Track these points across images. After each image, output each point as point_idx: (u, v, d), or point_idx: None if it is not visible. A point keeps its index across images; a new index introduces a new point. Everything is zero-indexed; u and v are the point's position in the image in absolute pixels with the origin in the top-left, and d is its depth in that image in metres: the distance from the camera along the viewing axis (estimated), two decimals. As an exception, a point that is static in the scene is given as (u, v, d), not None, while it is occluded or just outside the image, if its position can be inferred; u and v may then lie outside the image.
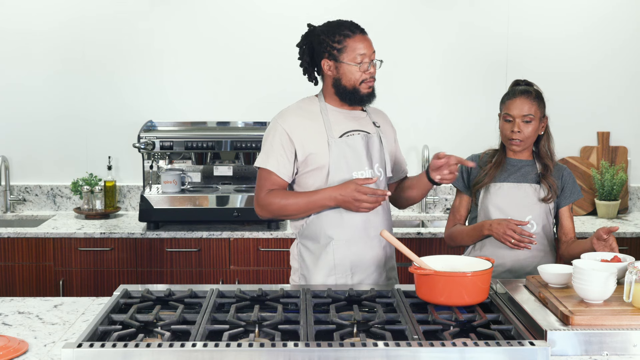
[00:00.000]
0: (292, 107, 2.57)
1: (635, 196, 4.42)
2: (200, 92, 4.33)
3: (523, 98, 2.62)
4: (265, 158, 2.51)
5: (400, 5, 4.30)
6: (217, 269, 3.81)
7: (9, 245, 3.78)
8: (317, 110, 2.52)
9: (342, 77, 2.46)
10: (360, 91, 2.47)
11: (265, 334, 1.98)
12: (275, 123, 2.53)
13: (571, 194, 2.69)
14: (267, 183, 2.50)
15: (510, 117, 2.63)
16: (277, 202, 2.46)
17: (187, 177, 4.12)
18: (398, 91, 4.30)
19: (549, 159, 2.68)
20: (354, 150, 2.49)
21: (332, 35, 2.45)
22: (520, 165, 2.69)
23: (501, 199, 2.64)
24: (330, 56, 2.45)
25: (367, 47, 2.45)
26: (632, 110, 4.41)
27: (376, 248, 2.54)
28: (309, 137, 2.47)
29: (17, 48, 4.26)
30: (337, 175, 2.46)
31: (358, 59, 2.43)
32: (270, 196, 2.47)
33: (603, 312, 1.98)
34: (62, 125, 4.32)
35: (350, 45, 2.43)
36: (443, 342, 1.82)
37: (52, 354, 1.93)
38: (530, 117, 2.61)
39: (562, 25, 4.33)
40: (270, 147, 2.51)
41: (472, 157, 2.80)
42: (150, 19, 4.27)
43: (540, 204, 2.63)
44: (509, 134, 2.65)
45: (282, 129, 2.49)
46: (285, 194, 2.48)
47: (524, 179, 2.66)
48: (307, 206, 2.44)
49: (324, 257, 2.50)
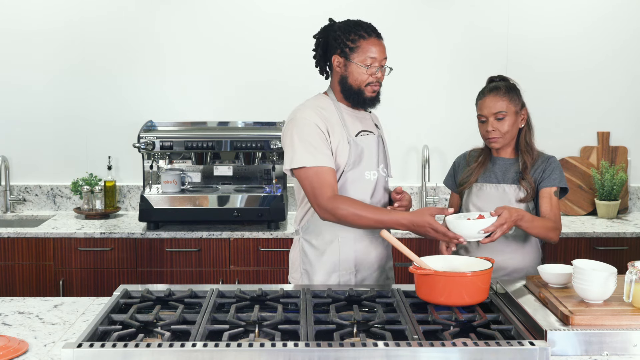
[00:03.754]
0: (308, 104, 2.51)
1: (635, 196, 4.42)
2: (200, 92, 4.33)
3: (492, 96, 2.62)
4: (307, 156, 2.39)
5: (402, 6, 4.30)
6: (217, 269, 3.81)
7: (9, 245, 3.78)
8: (332, 107, 2.51)
9: (349, 75, 2.46)
10: (365, 93, 2.47)
11: (265, 334, 1.98)
12: (301, 120, 2.44)
13: (553, 176, 2.61)
14: (323, 181, 2.38)
15: (483, 117, 2.64)
16: (347, 210, 2.33)
17: (187, 177, 4.12)
18: (398, 91, 4.30)
19: (528, 154, 2.64)
20: (369, 150, 2.50)
21: (348, 33, 2.45)
22: (503, 164, 2.68)
23: (481, 200, 2.65)
24: (342, 53, 2.46)
25: (379, 52, 2.45)
26: (632, 110, 4.41)
27: (380, 247, 2.55)
28: (333, 133, 2.45)
29: (17, 48, 4.26)
30: (351, 174, 2.45)
31: (368, 61, 2.43)
32: (339, 201, 2.36)
33: (603, 312, 1.98)
34: (62, 125, 4.33)
35: (362, 47, 2.43)
36: (443, 342, 1.82)
37: (52, 354, 1.93)
38: (503, 114, 2.60)
39: (563, 25, 4.33)
40: (307, 142, 2.40)
41: (458, 157, 2.81)
42: (150, 19, 4.27)
43: (518, 204, 2.61)
44: (485, 133, 2.65)
45: (313, 123, 2.42)
46: (357, 205, 2.36)
47: (504, 179, 2.65)
48: (375, 224, 2.35)
49: (329, 254, 2.50)
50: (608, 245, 3.85)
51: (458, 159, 2.83)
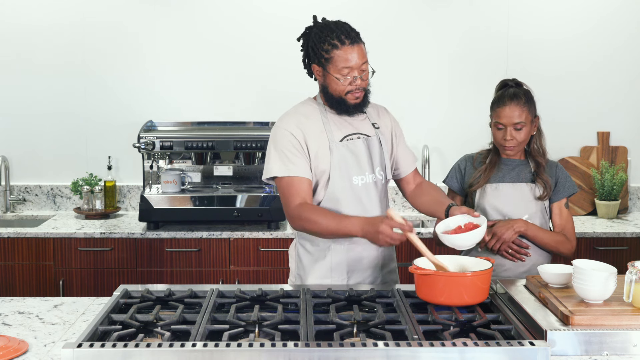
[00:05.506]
0: (290, 112, 2.51)
1: (635, 196, 4.42)
2: (200, 92, 4.33)
3: (513, 105, 2.58)
4: (280, 165, 2.41)
5: (402, 6, 4.30)
6: (217, 269, 3.81)
7: (9, 245, 3.78)
8: (317, 113, 2.48)
9: (329, 86, 2.42)
10: (347, 101, 2.41)
11: (265, 334, 1.98)
12: (278, 129, 2.45)
13: (563, 189, 2.67)
14: (293, 190, 2.39)
15: (502, 125, 2.61)
16: (307, 217, 2.33)
17: (187, 177, 4.12)
18: (398, 91, 4.30)
19: (540, 157, 2.67)
20: (355, 155, 2.45)
21: (322, 42, 2.37)
22: (514, 165, 2.69)
23: (498, 199, 2.64)
24: (319, 63, 2.41)
25: (356, 58, 2.34)
26: (632, 110, 4.41)
27: (374, 251, 2.51)
28: (312, 140, 2.43)
29: (17, 48, 4.26)
30: (337, 180, 2.42)
31: (344, 71, 2.35)
32: (302, 209, 2.35)
33: (603, 312, 1.97)
34: (62, 125, 4.33)
35: (336, 58, 2.35)
36: (443, 342, 1.82)
37: (52, 354, 1.93)
38: (522, 125, 2.59)
39: (563, 25, 4.33)
40: (280, 153, 2.41)
41: (465, 157, 2.80)
42: (150, 19, 4.27)
43: (536, 202, 2.63)
44: (501, 141, 2.63)
45: (289, 133, 2.42)
46: (319, 211, 2.34)
47: (519, 179, 2.66)
48: (336, 230, 2.31)
49: (322, 260, 2.49)
50: (608, 245, 3.85)
51: (463, 161, 2.79)
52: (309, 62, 2.47)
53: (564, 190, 2.67)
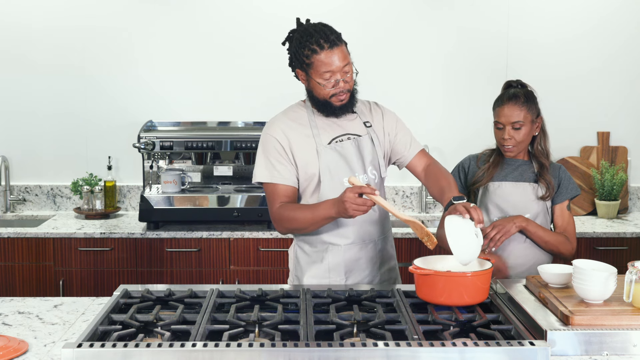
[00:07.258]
0: (278, 116, 2.52)
1: (635, 196, 4.42)
2: (200, 92, 4.33)
3: (511, 104, 2.60)
4: (265, 171, 2.44)
5: (402, 6, 4.30)
6: (217, 269, 3.81)
7: (9, 245, 3.78)
8: (305, 116, 2.49)
9: (313, 90, 2.43)
10: (332, 104, 2.42)
11: (265, 334, 1.98)
12: (265, 135, 2.48)
13: (566, 191, 2.68)
14: (275, 196, 2.43)
15: (501, 124, 2.63)
16: (286, 216, 2.38)
17: (187, 177, 4.12)
18: (398, 91, 4.30)
19: (544, 158, 2.67)
20: (344, 157, 2.45)
21: (303, 48, 2.37)
22: (517, 165, 2.69)
23: (500, 197, 2.65)
24: (302, 68, 2.42)
25: (337, 61, 2.33)
26: (632, 110, 4.41)
27: (371, 251, 2.51)
28: (299, 145, 2.44)
29: (17, 48, 4.26)
30: (328, 183, 2.42)
31: (326, 75, 2.35)
32: (281, 210, 2.40)
33: (603, 312, 1.97)
34: (62, 125, 4.33)
35: (316, 63, 2.35)
36: (443, 342, 1.82)
37: (52, 354, 1.93)
38: (520, 124, 2.60)
39: (563, 26, 4.33)
40: (266, 159, 2.45)
41: (469, 157, 2.80)
42: (150, 19, 4.27)
43: (538, 202, 2.64)
44: (500, 140, 2.65)
45: (274, 139, 2.44)
46: (294, 208, 2.39)
47: (521, 178, 2.67)
48: (313, 219, 2.34)
49: (319, 261, 2.49)
50: (608, 245, 3.85)
51: (467, 160, 2.80)
52: (294, 66, 2.47)
53: (566, 192, 2.68)
